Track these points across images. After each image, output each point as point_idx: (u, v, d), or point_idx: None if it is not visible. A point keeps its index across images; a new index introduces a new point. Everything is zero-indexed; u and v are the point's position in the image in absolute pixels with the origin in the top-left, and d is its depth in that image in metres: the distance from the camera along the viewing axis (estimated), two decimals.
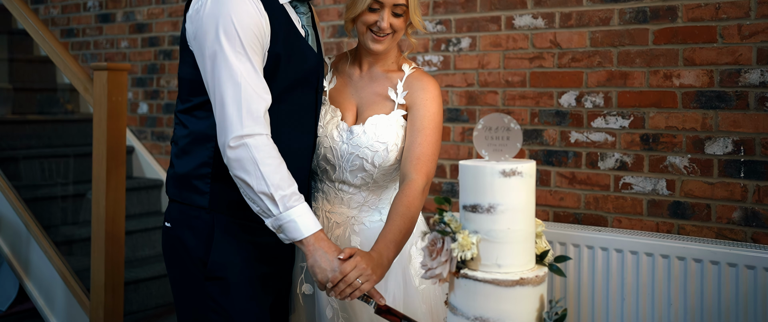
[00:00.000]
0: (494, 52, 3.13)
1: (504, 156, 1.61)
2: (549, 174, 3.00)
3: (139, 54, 4.55)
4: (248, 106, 1.74)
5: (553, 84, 2.98)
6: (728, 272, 2.44)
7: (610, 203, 2.86)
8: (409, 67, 2.04)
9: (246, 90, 1.74)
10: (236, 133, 1.74)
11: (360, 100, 2.04)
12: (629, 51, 2.81)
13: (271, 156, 1.75)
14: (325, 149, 2.01)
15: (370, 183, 2.01)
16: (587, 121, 2.91)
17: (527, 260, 1.58)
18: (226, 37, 1.75)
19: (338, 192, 2.03)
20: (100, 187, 3.14)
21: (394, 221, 1.85)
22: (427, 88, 1.99)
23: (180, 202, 1.93)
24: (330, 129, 2.01)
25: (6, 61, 5.03)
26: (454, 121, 3.24)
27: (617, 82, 2.84)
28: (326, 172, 2.04)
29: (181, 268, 1.93)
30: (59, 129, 4.46)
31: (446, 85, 3.26)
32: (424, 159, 1.94)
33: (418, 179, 1.92)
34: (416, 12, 1.99)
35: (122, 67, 3.19)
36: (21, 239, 3.62)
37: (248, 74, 1.76)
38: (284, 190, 1.74)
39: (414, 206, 1.89)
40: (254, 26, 1.77)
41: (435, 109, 1.98)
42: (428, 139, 1.95)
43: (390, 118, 1.98)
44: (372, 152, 1.96)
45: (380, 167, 1.97)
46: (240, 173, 1.75)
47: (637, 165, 2.79)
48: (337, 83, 2.08)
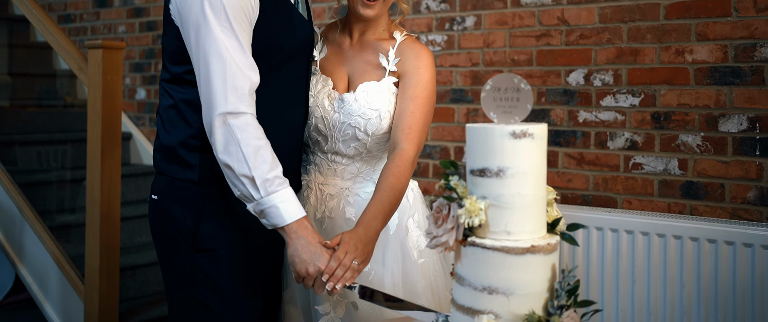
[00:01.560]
0: (500, 31, 3.04)
1: (513, 118, 1.52)
2: (557, 155, 2.91)
3: (136, 39, 4.47)
4: (233, 83, 1.66)
5: (561, 62, 2.89)
6: (744, 253, 2.35)
7: (619, 184, 2.77)
8: (400, 34, 1.97)
9: (231, 67, 1.66)
10: (220, 110, 1.65)
11: (351, 69, 1.97)
12: (640, 27, 2.72)
13: (255, 137, 1.66)
14: (317, 119, 1.94)
15: (364, 153, 1.94)
16: (596, 100, 2.82)
17: (538, 227, 1.49)
18: (211, 10, 1.66)
19: (331, 164, 1.96)
20: (95, 168, 3.06)
21: (382, 191, 1.79)
22: (419, 55, 1.92)
23: (168, 175, 1.86)
24: (321, 98, 1.94)
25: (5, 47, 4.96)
26: (459, 102, 3.15)
27: (627, 59, 2.75)
28: (318, 143, 1.97)
29: (169, 241, 1.86)
30: (56, 115, 4.38)
31: (450, 65, 3.17)
32: (415, 128, 1.87)
33: (409, 149, 1.85)
34: None
35: (117, 46, 3.10)
36: (15, 224, 3.54)
37: (234, 50, 1.67)
38: (266, 173, 1.65)
39: (403, 177, 1.82)
40: (243, 2, 1.69)
41: (427, 78, 1.91)
42: (421, 109, 1.88)
43: (381, 86, 1.91)
44: (364, 120, 1.89)
45: (373, 136, 1.90)
46: (222, 155, 1.67)
47: (648, 144, 2.70)
48: (328, 52, 2.02)
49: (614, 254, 2.59)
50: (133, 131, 4.40)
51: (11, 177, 3.62)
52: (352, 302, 1.90)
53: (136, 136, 4.39)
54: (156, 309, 3.43)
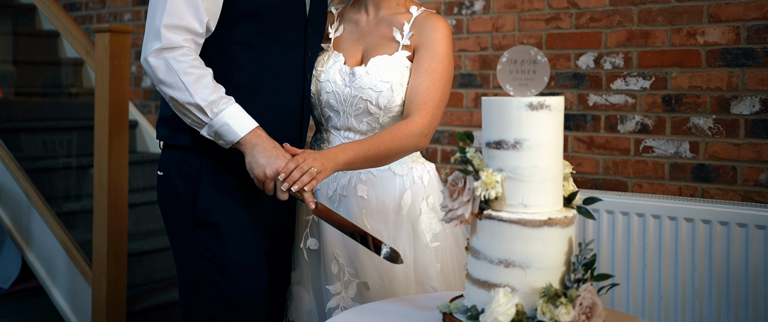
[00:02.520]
0: (509, 14, 3.03)
1: (530, 91, 1.51)
2: (566, 139, 2.90)
3: (142, 27, 4.45)
4: (170, 22, 1.68)
5: (571, 46, 2.88)
6: (757, 235, 2.34)
7: (630, 168, 2.76)
8: (417, 9, 1.95)
9: (171, 6, 1.67)
10: (155, 46, 1.68)
11: (366, 45, 1.96)
12: (651, 9, 2.70)
13: (192, 66, 1.69)
14: (328, 95, 1.92)
15: (377, 128, 1.91)
16: (606, 84, 2.80)
17: (555, 200, 1.48)
18: None
19: (344, 140, 1.94)
20: (103, 154, 3.05)
21: (371, 138, 1.78)
22: (436, 27, 1.89)
23: (170, 145, 1.88)
24: (332, 73, 1.92)
25: (9, 35, 4.95)
26: (467, 86, 3.14)
27: (638, 42, 2.73)
28: (330, 119, 1.95)
29: (174, 216, 1.87)
30: (62, 103, 4.38)
31: (459, 49, 3.15)
32: (430, 104, 1.85)
33: (418, 121, 1.82)
34: None
35: (124, 30, 3.10)
36: (22, 210, 3.53)
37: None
38: (209, 96, 1.69)
39: (398, 141, 1.79)
40: None
41: (443, 50, 1.88)
42: (436, 83, 1.86)
43: (393, 59, 1.89)
44: (376, 93, 1.87)
45: (385, 109, 1.88)
46: (165, 88, 1.71)
47: (659, 127, 2.69)
48: (344, 31, 2.00)
49: (625, 237, 2.58)
50: (139, 119, 4.39)
51: (18, 164, 3.61)
52: (364, 282, 1.89)
53: (142, 124, 4.38)
54: (163, 295, 3.43)
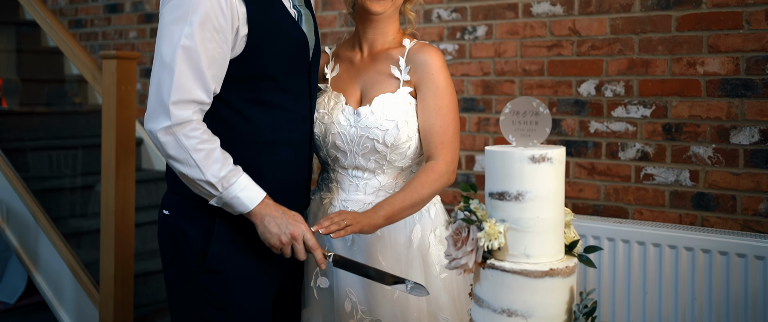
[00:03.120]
0: (511, 41, 3.06)
1: (532, 141, 1.55)
2: (568, 165, 2.93)
3: (148, 44, 4.49)
4: (179, 97, 1.65)
5: (572, 73, 2.91)
6: (756, 266, 2.37)
7: (631, 195, 2.79)
8: (409, 41, 1.98)
9: (179, 79, 1.64)
10: (163, 124, 1.66)
11: (364, 83, 1.98)
12: (651, 38, 2.74)
13: (202, 141, 1.69)
14: (334, 136, 1.95)
15: (385, 166, 1.95)
16: (607, 111, 2.84)
17: (557, 250, 1.51)
18: (174, 21, 1.66)
19: (353, 179, 1.97)
20: (110, 178, 3.08)
21: (403, 191, 1.86)
22: (431, 61, 1.92)
23: (179, 194, 1.87)
24: (336, 115, 1.95)
25: (14, 52, 4.98)
26: (470, 111, 3.17)
27: (638, 71, 2.76)
28: (338, 160, 1.98)
29: (179, 259, 1.86)
30: (68, 121, 4.41)
31: (462, 74, 3.19)
32: (447, 142, 1.91)
33: (440, 163, 1.90)
34: None
35: (132, 56, 3.13)
36: (29, 231, 3.57)
37: (184, 63, 1.65)
38: (219, 172, 1.69)
39: (427, 186, 1.87)
40: (215, 17, 1.67)
41: (444, 82, 1.92)
42: (446, 119, 1.91)
43: (396, 96, 1.92)
44: (382, 132, 1.90)
45: (392, 146, 1.91)
46: (174, 163, 1.70)
47: (659, 155, 2.72)
48: (340, 70, 2.03)
49: (625, 265, 2.61)
50: (144, 136, 4.43)
51: (25, 184, 3.65)
52: (377, 320, 1.92)
53: (148, 142, 4.42)
54: (168, 316, 3.47)
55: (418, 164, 1.99)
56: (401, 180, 1.97)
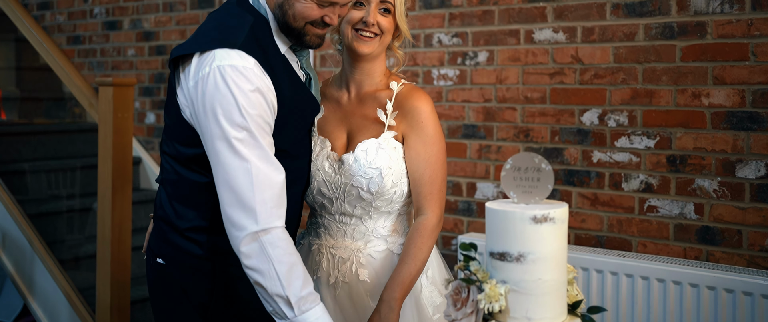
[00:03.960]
0: (513, 67, 3.02)
1: (534, 198, 1.50)
2: (570, 195, 2.89)
3: (146, 63, 4.45)
4: (262, 197, 1.60)
5: (575, 101, 2.87)
6: (763, 304, 2.32)
7: (634, 227, 2.74)
8: (397, 84, 1.93)
9: (257, 178, 1.59)
10: (249, 230, 1.59)
11: (350, 126, 1.94)
12: (655, 68, 2.69)
13: (287, 253, 1.62)
14: (319, 183, 1.91)
15: (371, 211, 1.91)
16: (610, 141, 2.79)
17: (559, 312, 1.47)
18: (232, 128, 1.60)
19: (340, 225, 1.94)
20: (106, 206, 3.05)
21: (403, 264, 1.83)
22: (419, 107, 1.88)
23: (174, 245, 1.80)
24: (321, 161, 1.92)
25: (13, 70, 4.96)
26: (471, 137, 3.13)
27: (642, 101, 2.72)
28: (324, 206, 1.94)
29: (177, 312, 1.81)
30: (65, 140, 4.37)
31: (462, 100, 3.14)
32: (435, 192, 1.88)
33: (432, 217, 1.88)
34: (402, 18, 1.91)
35: (128, 82, 3.09)
36: (25, 257, 3.54)
37: (259, 160, 1.61)
38: (300, 291, 1.61)
39: (425, 246, 1.86)
40: (263, 110, 1.63)
41: (432, 129, 1.88)
42: (435, 168, 1.88)
43: (380, 142, 1.88)
44: (366, 180, 1.86)
45: (377, 194, 1.88)
46: (253, 274, 1.62)
47: (664, 187, 2.68)
48: (326, 111, 1.98)
49: (629, 301, 2.56)
50: (142, 156, 4.39)
51: (21, 208, 3.61)
52: None
53: (146, 161, 4.38)
54: None
55: (405, 207, 1.95)
56: (389, 224, 1.94)
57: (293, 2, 1.70)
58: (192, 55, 1.67)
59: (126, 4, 4.54)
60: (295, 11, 1.70)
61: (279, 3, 1.72)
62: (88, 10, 4.79)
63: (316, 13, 1.71)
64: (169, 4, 4.30)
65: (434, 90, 3.22)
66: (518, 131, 3.00)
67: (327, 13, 1.72)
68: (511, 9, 3.01)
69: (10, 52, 5.01)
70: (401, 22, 1.90)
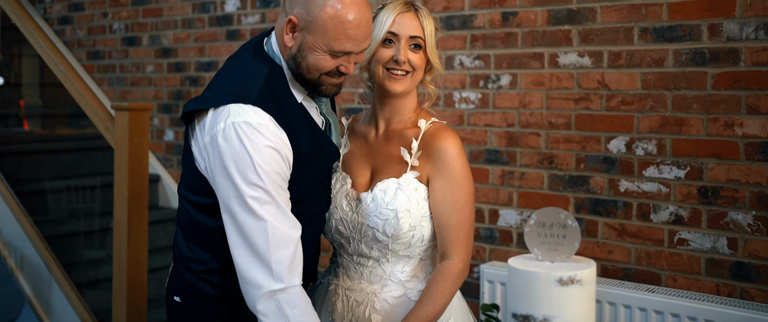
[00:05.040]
0: (536, 92, 2.93)
1: (559, 257, 1.42)
2: (596, 224, 2.79)
3: (164, 79, 4.42)
4: (278, 256, 1.56)
5: (601, 128, 2.77)
6: None
7: (663, 260, 2.64)
8: (426, 122, 1.85)
9: (274, 236, 1.56)
10: (266, 289, 1.56)
11: (374, 164, 1.87)
12: (685, 95, 2.59)
13: (305, 312, 1.58)
14: (337, 221, 1.85)
15: (389, 254, 1.83)
16: (638, 170, 2.69)
17: None
18: (247, 186, 1.57)
19: (358, 267, 1.87)
20: (122, 232, 3.00)
21: (422, 304, 1.74)
22: (447, 149, 1.79)
23: (190, 285, 1.79)
24: (339, 199, 1.85)
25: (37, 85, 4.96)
26: (493, 163, 3.04)
27: (672, 129, 2.61)
28: (342, 245, 1.88)
29: None
30: (84, 157, 4.35)
31: (485, 124, 3.06)
32: (462, 237, 1.79)
33: (458, 262, 1.78)
34: (434, 51, 1.83)
35: (144, 107, 3.05)
36: (43, 281, 3.51)
37: (275, 219, 1.58)
38: None
39: (448, 291, 1.76)
40: (278, 166, 1.60)
41: (461, 171, 1.80)
42: (464, 213, 1.79)
43: (400, 182, 1.80)
44: (382, 221, 1.78)
45: (393, 237, 1.79)
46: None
47: (695, 220, 2.57)
48: (352, 147, 1.92)
49: None
50: (161, 173, 4.36)
51: (39, 230, 3.59)
52: None
53: (165, 179, 4.35)
54: None
55: (427, 252, 1.86)
56: (409, 269, 1.85)
57: (306, 54, 1.65)
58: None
59: (145, 20, 4.52)
60: (308, 63, 1.66)
61: (292, 55, 1.68)
62: (108, 25, 4.77)
63: (331, 63, 1.66)
64: (187, 20, 4.26)
65: (456, 113, 3.14)
66: (542, 157, 2.91)
67: (341, 62, 1.67)
68: (535, 31, 2.92)
69: (35, 67, 5.03)
70: (432, 56, 1.83)
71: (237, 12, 4.00)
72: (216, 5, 4.10)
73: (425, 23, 1.82)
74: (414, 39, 1.81)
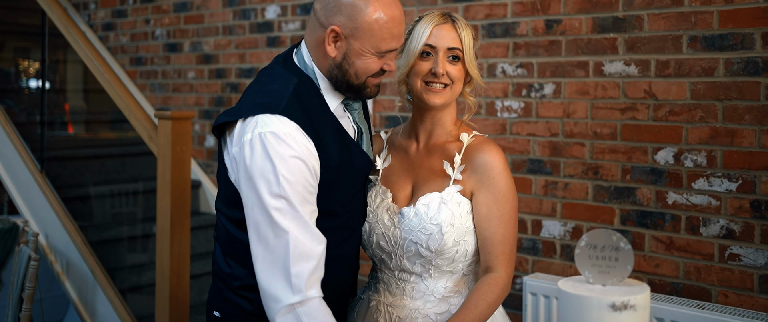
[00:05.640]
0: (581, 101, 2.87)
1: (611, 280, 1.38)
2: (643, 237, 2.73)
3: (206, 85, 4.46)
4: (298, 269, 1.55)
5: (648, 138, 2.71)
6: None
7: (714, 275, 2.57)
8: (468, 135, 1.83)
9: (296, 249, 1.55)
10: (285, 302, 1.56)
11: (416, 178, 1.84)
12: (737, 106, 2.51)
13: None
14: (378, 236, 1.83)
15: (432, 270, 1.80)
16: (687, 182, 2.62)
17: None
18: (271, 197, 1.57)
19: (399, 282, 1.84)
20: (164, 240, 3.03)
21: (465, 309, 1.71)
22: (491, 163, 1.77)
23: (229, 302, 1.79)
24: (380, 214, 1.83)
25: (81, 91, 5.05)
26: (536, 173, 2.99)
27: (723, 140, 2.54)
28: (384, 261, 1.86)
29: None
30: (127, 162, 4.42)
31: (527, 133, 3.01)
32: (507, 251, 1.77)
33: (503, 275, 1.75)
34: (472, 62, 1.81)
35: (186, 115, 3.07)
36: (87, 286, 3.57)
37: (298, 231, 1.57)
38: None
39: (491, 301, 1.73)
40: (303, 177, 1.59)
41: (505, 185, 1.77)
42: (508, 226, 1.77)
43: (444, 197, 1.77)
44: (426, 236, 1.76)
45: (437, 252, 1.76)
46: None
47: (747, 234, 2.49)
48: (393, 161, 1.90)
49: None
50: (202, 179, 4.40)
51: (84, 235, 3.65)
52: None
53: (206, 185, 4.38)
54: None
55: (470, 267, 1.83)
56: (451, 284, 1.82)
57: (353, 60, 1.67)
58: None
59: (186, 27, 4.57)
60: (357, 68, 1.68)
61: (337, 64, 1.69)
62: (150, 31, 4.83)
63: (377, 65, 1.69)
64: (228, 27, 4.29)
65: (498, 122, 3.10)
66: (587, 168, 2.86)
67: (386, 61, 1.70)
68: (580, 39, 2.87)
69: (79, 73, 5.12)
70: (471, 68, 1.81)
71: (277, 19, 4.01)
72: (257, 12, 4.12)
73: (463, 34, 1.80)
74: (452, 51, 1.78)
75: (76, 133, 5.14)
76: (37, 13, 4.19)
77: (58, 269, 3.72)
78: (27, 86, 5.61)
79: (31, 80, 5.49)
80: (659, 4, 2.67)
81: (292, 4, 3.94)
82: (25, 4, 4.47)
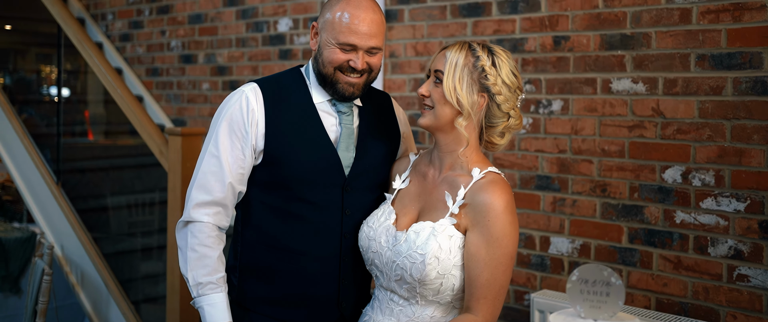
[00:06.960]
0: (589, 118, 2.86)
1: (602, 315, 1.38)
2: (651, 256, 2.71)
3: (219, 97, 4.50)
4: (195, 196, 1.84)
5: (656, 157, 2.69)
6: None
7: (722, 295, 2.54)
8: (479, 171, 1.77)
9: (204, 174, 1.83)
10: (184, 219, 1.85)
11: (424, 205, 1.83)
12: (745, 125, 2.48)
13: (203, 244, 1.81)
14: (373, 254, 1.84)
15: (417, 297, 1.78)
16: (695, 201, 2.60)
17: None
18: (212, 125, 1.89)
19: (389, 302, 1.84)
20: (175, 256, 3.07)
21: None
22: (491, 204, 1.70)
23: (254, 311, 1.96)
24: (379, 232, 1.84)
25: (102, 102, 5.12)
26: (545, 189, 2.98)
27: (731, 160, 2.52)
28: (377, 278, 1.88)
29: None
30: (143, 173, 4.47)
31: (536, 149, 3.01)
32: (490, 298, 1.70)
33: (480, 319, 1.70)
34: (451, 90, 1.74)
35: (196, 132, 3.11)
36: (101, 298, 3.62)
37: (210, 158, 1.84)
38: (201, 278, 1.81)
39: None
40: (237, 114, 1.84)
41: (500, 231, 1.69)
42: (496, 273, 1.70)
43: (436, 227, 1.73)
44: (410, 263, 1.74)
45: (420, 281, 1.73)
46: (179, 250, 1.86)
47: (755, 255, 2.47)
48: (410, 184, 1.90)
49: None
50: None
51: (98, 247, 3.70)
52: None
53: None
54: None
55: (459, 301, 1.79)
56: (439, 314, 1.79)
57: (322, 50, 1.87)
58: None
59: (201, 39, 4.61)
60: (323, 58, 1.87)
61: (314, 56, 1.91)
62: (166, 43, 4.89)
63: (341, 56, 1.84)
64: (241, 39, 4.33)
65: None
66: (595, 185, 2.84)
67: (351, 58, 1.83)
68: (588, 56, 2.85)
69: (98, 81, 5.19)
70: (448, 93, 1.74)
71: (289, 32, 4.04)
72: (269, 25, 4.15)
73: (451, 55, 1.76)
74: (436, 73, 1.79)
75: (95, 140, 5.22)
76: (55, 23, 4.26)
77: (73, 280, 3.78)
78: (47, 93, 5.71)
79: (52, 87, 5.59)
80: (667, 21, 2.65)
81: (304, 17, 3.96)
82: (45, 15, 4.55)
